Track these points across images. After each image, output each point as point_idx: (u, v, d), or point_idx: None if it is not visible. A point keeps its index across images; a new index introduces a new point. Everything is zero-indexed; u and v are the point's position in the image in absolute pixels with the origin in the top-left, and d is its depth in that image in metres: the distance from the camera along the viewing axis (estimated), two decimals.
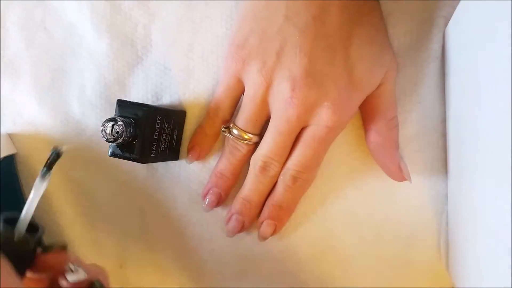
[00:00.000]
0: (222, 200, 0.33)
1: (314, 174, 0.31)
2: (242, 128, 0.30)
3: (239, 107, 0.31)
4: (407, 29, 0.31)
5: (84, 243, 0.36)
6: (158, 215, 0.35)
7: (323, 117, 0.28)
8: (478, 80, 0.23)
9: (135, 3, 0.34)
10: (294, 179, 0.30)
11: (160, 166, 0.35)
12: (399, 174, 0.30)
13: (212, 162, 0.34)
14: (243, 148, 0.31)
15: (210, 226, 0.34)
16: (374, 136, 0.30)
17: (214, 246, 0.34)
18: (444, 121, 0.31)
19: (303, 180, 0.30)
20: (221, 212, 0.34)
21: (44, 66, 0.36)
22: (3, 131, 0.37)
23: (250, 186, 0.31)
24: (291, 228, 0.33)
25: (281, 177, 0.30)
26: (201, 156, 0.33)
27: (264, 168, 0.30)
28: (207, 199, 0.33)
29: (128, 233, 0.35)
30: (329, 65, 0.27)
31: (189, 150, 0.33)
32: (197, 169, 0.34)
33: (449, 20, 0.29)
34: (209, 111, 0.32)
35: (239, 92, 0.31)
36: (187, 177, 0.34)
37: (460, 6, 0.27)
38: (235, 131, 0.30)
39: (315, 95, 0.27)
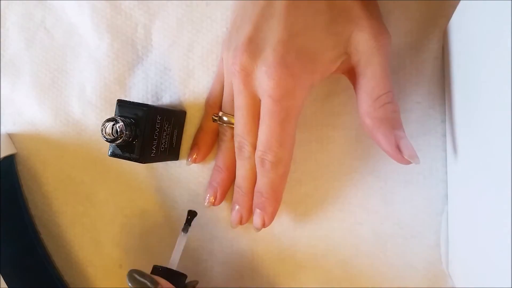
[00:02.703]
0: (220, 194, 0.33)
1: (281, 157, 0.28)
2: (229, 113, 0.31)
3: None
4: (407, 29, 0.31)
5: (84, 243, 0.36)
6: (158, 215, 0.35)
7: (263, 85, 0.27)
8: (478, 80, 0.23)
9: (135, 3, 0.34)
10: (262, 160, 0.28)
11: (160, 166, 0.35)
12: (398, 156, 0.26)
13: (212, 162, 0.34)
14: (228, 132, 0.31)
15: (210, 226, 0.34)
16: (363, 118, 0.27)
17: (214, 246, 0.34)
18: (444, 121, 0.31)
19: (270, 162, 0.28)
20: (220, 212, 0.34)
21: (44, 66, 0.36)
22: (3, 131, 0.37)
23: (238, 173, 0.31)
24: (291, 228, 0.33)
25: (255, 162, 0.30)
26: (199, 158, 0.33)
27: (239, 148, 0.30)
28: (208, 194, 0.33)
29: (128, 233, 0.35)
30: (271, 32, 0.27)
31: (189, 152, 0.34)
32: (197, 169, 0.34)
33: (449, 20, 0.29)
34: (205, 102, 0.33)
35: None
36: (187, 177, 0.34)
37: (460, 6, 0.27)
38: (224, 118, 0.31)
39: (253, 60, 0.27)
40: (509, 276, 0.18)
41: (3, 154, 0.35)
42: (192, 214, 0.32)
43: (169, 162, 0.34)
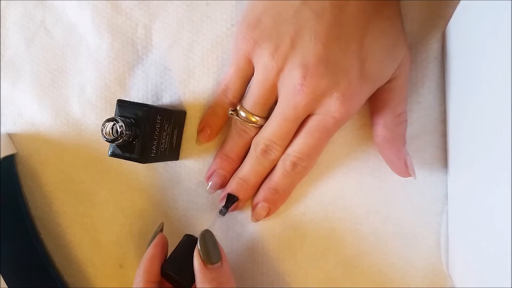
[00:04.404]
0: (226, 182, 0.33)
1: (313, 163, 0.31)
2: (250, 111, 0.30)
3: (248, 88, 0.31)
4: (407, 29, 0.31)
5: (84, 243, 0.36)
6: (158, 215, 0.35)
7: (331, 108, 0.27)
8: (478, 80, 0.23)
9: (135, 3, 0.34)
10: (294, 165, 0.30)
11: (160, 166, 0.35)
12: (404, 169, 0.29)
13: (210, 161, 0.34)
14: (251, 131, 0.31)
15: (210, 226, 0.34)
16: (381, 130, 0.29)
17: None
18: (444, 121, 0.31)
19: (302, 167, 0.30)
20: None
21: (44, 66, 0.36)
22: (3, 131, 0.37)
23: (249, 167, 0.31)
24: (291, 228, 0.33)
25: (280, 162, 0.30)
26: (211, 137, 0.33)
27: (266, 151, 0.30)
28: (211, 182, 0.33)
29: (128, 233, 0.35)
30: (342, 55, 0.27)
31: (199, 132, 0.33)
32: (197, 169, 0.34)
33: (449, 20, 0.29)
34: (218, 91, 0.32)
35: (249, 73, 0.30)
36: (187, 177, 0.34)
37: (460, 6, 0.27)
38: (242, 114, 0.30)
39: (326, 85, 0.27)
40: (509, 276, 0.18)
41: (3, 154, 0.35)
42: (231, 199, 0.32)
43: (169, 162, 0.34)
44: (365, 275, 0.32)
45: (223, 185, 0.33)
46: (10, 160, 0.36)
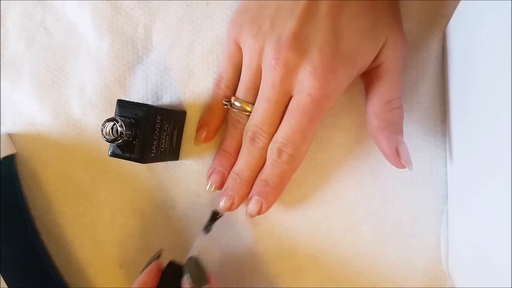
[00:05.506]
0: (225, 179, 0.32)
1: (300, 151, 0.29)
2: (243, 99, 0.30)
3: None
4: (407, 29, 0.31)
5: (84, 243, 0.36)
6: (158, 215, 0.35)
7: (305, 84, 0.27)
8: (478, 80, 0.23)
9: (136, 3, 0.34)
10: (279, 151, 0.29)
11: (160, 166, 0.35)
12: (395, 158, 0.28)
13: (210, 160, 0.34)
14: (244, 120, 0.31)
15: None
16: (370, 118, 0.29)
17: (213, 246, 0.34)
18: (444, 121, 0.31)
19: (288, 154, 0.29)
20: None
21: (44, 66, 0.36)
22: (3, 131, 0.37)
23: (242, 160, 0.31)
24: (291, 228, 0.33)
25: (269, 151, 0.30)
26: (208, 137, 0.33)
27: (253, 138, 0.30)
28: (210, 180, 0.32)
29: (128, 233, 0.35)
30: (316, 31, 0.27)
31: (196, 131, 0.33)
32: (197, 169, 0.34)
33: (449, 20, 0.29)
34: (214, 83, 0.32)
35: (240, 59, 0.31)
36: (187, 177, 0.34)
37: (460, 6, 0.27)
38: (236, 104, 0.30)
39: (298, 58, 0.27)
40: (509, 276, 0.18)
41: (3, 154, 0.35)
42: (215, 216, 0.32)
43: (169, 162, 0.34)
44: (365, 275, 0.32)
45: (222, 182, 0.32)
46: (10, 160, 0.36)
